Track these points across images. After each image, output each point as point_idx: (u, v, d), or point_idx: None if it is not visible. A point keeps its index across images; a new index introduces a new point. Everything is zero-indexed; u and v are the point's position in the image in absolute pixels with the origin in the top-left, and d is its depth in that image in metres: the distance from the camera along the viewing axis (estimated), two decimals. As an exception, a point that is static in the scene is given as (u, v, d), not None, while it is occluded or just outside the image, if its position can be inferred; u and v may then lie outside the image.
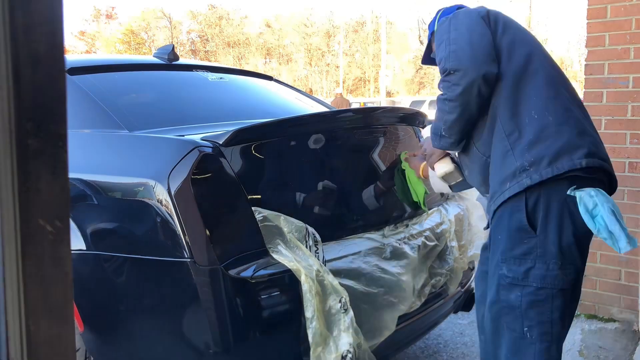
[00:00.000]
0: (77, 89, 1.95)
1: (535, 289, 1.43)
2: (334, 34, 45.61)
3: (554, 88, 1.49)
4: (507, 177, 1.45)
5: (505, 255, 1.47)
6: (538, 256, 1.42)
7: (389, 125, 2.13)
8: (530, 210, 1.42)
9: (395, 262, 1.84)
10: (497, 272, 1.50)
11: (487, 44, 1.48)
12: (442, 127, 1.57)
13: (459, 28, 1.51)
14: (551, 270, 1.42)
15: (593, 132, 1.50)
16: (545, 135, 1.42)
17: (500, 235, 1.50)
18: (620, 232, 1.34)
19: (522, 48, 1.52)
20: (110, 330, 1.71)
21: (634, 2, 2.65)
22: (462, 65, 1.45)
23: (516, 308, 1.46)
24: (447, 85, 1.49)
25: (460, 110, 1.50)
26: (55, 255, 0.49)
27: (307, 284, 1.50)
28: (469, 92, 1.46)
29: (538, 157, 1.41)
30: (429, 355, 2.57)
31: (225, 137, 1.56)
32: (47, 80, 0.47)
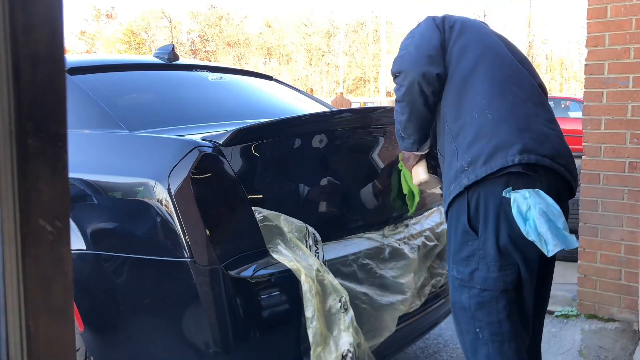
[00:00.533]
0: (77, 89, 1.95)
1: (479, 291, 1.45)
2: (334, 34, 45.61)
3: (500, 87, 1.49)
4: (451, 178, 1.48)
5: (454, 257, 1.50)
6: (480, 258, 1.44)
7: (389, 125, 2.13)
8: (472, 212, 1.44)
9: (395, 262, 1.84)
10: (450, 273, 1.54)
11: (431, 47, 1.53)
12: (400, 129, 1.65)
13: (414, 35, 1.59)
14: (491, 272, 1.43)
15: (541, 127, 1.47)
16: (482, 133, 1.43)
17: (450, 236, 1.53)
18: (547, 234, 1.33)
19: (473, 51, 1.54)
20: (110, 330, 1.71)
21: (634, 2, 2.65)
22: (404, 67, 1.54)
23: (467, 309, 1.48)
24: (396, 88, 1.58)
25: (409, 109, 1.57)
26: (55, 255, 0.49)
27: (307, 283, 1.50)
28: (411, 91, 1.53)
29: (475, 157, 1.42)
30: (429, 355, 2.57)
31: (225, 137, 1.56)
32: (47, 80, 0.47)
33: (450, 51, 1.55)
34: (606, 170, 2.77)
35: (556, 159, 1.44)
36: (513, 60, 1.58)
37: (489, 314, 1.45)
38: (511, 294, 1.44)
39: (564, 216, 1.37)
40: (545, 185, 1.41)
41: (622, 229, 2.76)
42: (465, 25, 1.61)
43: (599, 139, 2.77)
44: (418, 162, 1.76)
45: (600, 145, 2.77)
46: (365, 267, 1.76)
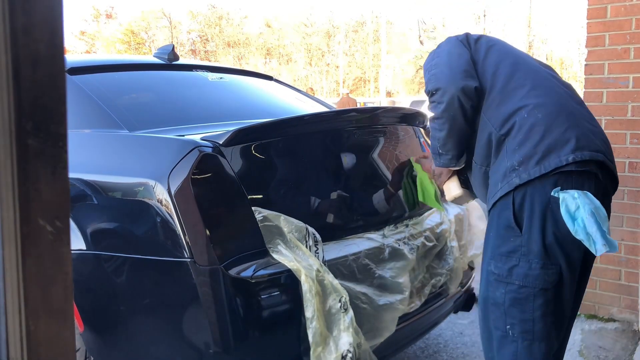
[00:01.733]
0: (77, 89, 1.95)
1: (517, 287, 1.46)
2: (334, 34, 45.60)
3: (543, 88, 1.53)
4: (500, 177, 1.49)
5: (493, 252, 1.51)
6: (522, 255, 1.45)
7: (389, 125, 2.13)
8: (517, 209, 1.45)
9: (394, 262, 1.84)
10: (486, 268, 1.54)
11: (463, 62, 1.57)
12: (437, 146, 1.66)
13: (440, 54, 1.63)
14: (533, 269, 1.44)
15: (586, 124, 1.50)
16: (534, 133, 1.45)
17: (491, 232, 1.54)
18: (597, 234, 1.35)
19: (507, 60, 1.59)
20: (110, 330, 1.70)
21: (634, 2, 2.65)
22: (441, 84, 1.56)
23: (500, 305, 1.49)
24: (433, 105, 1.60)
25: (449, 125, 1.58)
26: (55, 255, 0.49)
27: (307, 283, 1.50)
28: (451, 106, 1.55)
29: (527, 156, 1.44)
30: (429, 355, 2.57)
31: (225, 137, 1.56)
32: (47, 80, 0.47)
33: (483, 64, 1.59)
34: (606, 170, 2.77)
35: (607, 155, 1.47)
36: (542, 65, 1.65)
37: (523, 311, 1.46)
38: (549, 293, 1.45)
39: (608, 221, 1.39)
40: (594, 183, 1.43)
41: (622, 229, 2.76)
42: (491, 39, 1.68)
43: (599, 139, 2.77)
44: (450, 178, 1.78)
45: (600, 145, 2.77)
46: (365, 267, 1.76)
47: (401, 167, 2.08)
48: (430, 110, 1.62)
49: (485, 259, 1.57)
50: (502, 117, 1.51)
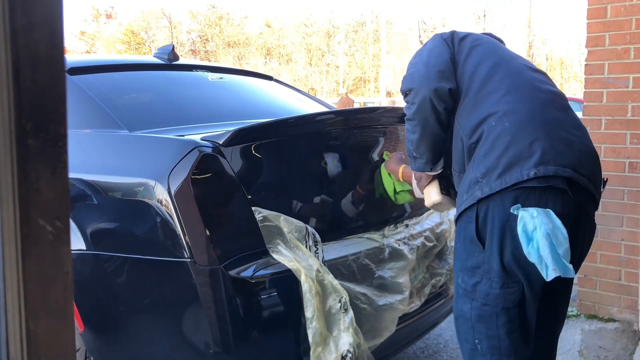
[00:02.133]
0: (77, 89, 1.95)
1: (481, 304, 1.41)
2: (334, 34, 45.61)
3: (518, 93, 1.43)
4: (465, 188, 1.42)
5: (462, 265, 1.46)
6: (484, 272, 1.39)
7: (389, 125, 2.13)
8: (480, 223, 1.38)
9: (394, 262, 1.84)
10: (455, 280, 1.50)
11: (441, 62, 1.50)
12: (411, 149, 1.60)
13: (422, 52, 1.57)
14: (493, 288, 1.38)
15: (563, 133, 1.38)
16: (499, 143, 1.36)
17: (458, 244, 1.48)
18: (548, 258, 1.26)
19: (487, 62, 1.50)
20: (110, 330, 1.71)
21: (634, 2, 2.65)
22: (415, 84, 1.50)
23: (468, 319, 1.44)
24: (407, 106, 1.55)
25: (421, 128, 1.53)
26: (55, 255, 0.49)
27: (307, 284, 1.50)
28: (423, 108, 1.49)
29: (490, 168, 1.35)
30: (429, 355, 2.57)
31: (225, 137, 1.56)
32: (47, 80, 0.47)
33: (463, 65, 1.52)
34: (606, 171, 2.77)
35: (578, 169, 1.34)
36: (529, 68, 1.53)
37: (488, 327, 1.41)
38: (512, 311, 1.39)
39: (568, 243, 1.29)
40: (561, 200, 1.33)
41: (622, 229, 2.76)
42: (477, 38, 1.58)
43: (599, 139, 2.77)
44: (430, 183, 1.72)
45: (601, 146, 2.77)
46: (365, 268, 1.76)
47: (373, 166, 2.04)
48: (404, 110, 1.57)
49: (455, 270, 1.52)
50: (472, 125, 1.43)
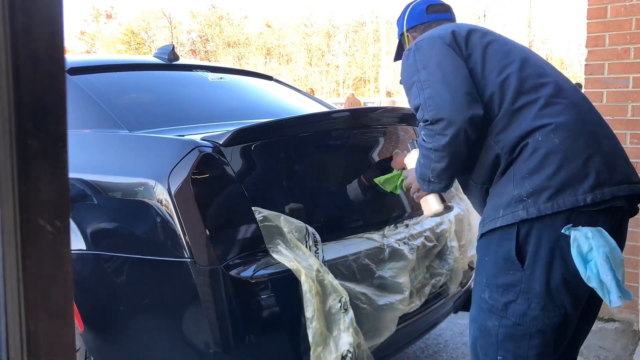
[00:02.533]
0: (77, 89, 1.95)
1: (513, 324, 1.33)
2: (334, 34, 45.61)
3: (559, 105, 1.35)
4: (502, 204, 1.34)
5: (489, 281, 1.37)
6: (521, 291, 1.31)
7: (389, 125, 2.13)
8: (521, 242, 1.31)
9: (394, 262, 1.84)
10: (480, 294, 1.41)
11: (463, 80, 1.35)
12: (429, 175, 1.45)
13: (428, 65, 1.40)
14: (532, 309, 1.30)
15: (606, 141, 1.35)
16: (548, 162, 1.28)
17: (487, 257, 1.40)
18: (612, 284, 1.20)
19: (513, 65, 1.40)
20: (110, 330, 1.71)
21: (634, 2, 2.65)
22: (444, 114, 1.33)
23: (492, 336, 1.37)
24: (430, 134, 1.37)
25: (449, 159, 1.38)
26: (55, 255, 0.49)
27: (307, 284, 1.50)
28: (456, 140, 1.34)
29: (538, 189, 1.28)
30: (429, 355, 2.57)
31: (225, 137, 1.56)
32: (47, 80, 0.47)
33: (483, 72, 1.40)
34: (606, 170, 2.77)
35: (630, 178, 1.31)
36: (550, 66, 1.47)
37: (518, 347, 1.33)
38: (548, 335, 1.32)
39: (623, 265, 1.25)
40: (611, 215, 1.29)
41: (622, 229, 2.75)
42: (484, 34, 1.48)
43: (599, 139, 2.77)
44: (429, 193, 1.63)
45: (600, 145, 2.77)
46: (365, 267, 1.76)
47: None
48: (426, 138, 1.39)
49: (478, 283, 1.42)
50: (513, 139, 1.33)
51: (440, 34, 1.46)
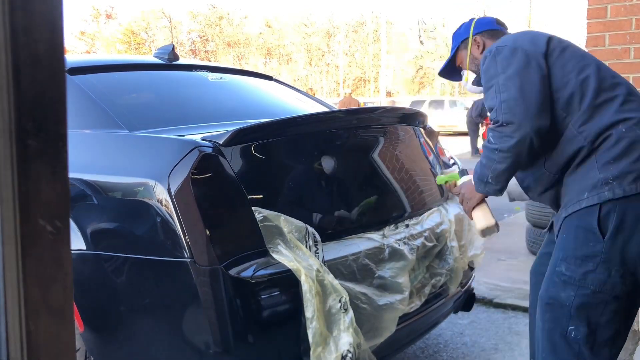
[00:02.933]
0: (77, 89, 1.95)
1: (592, 292, 1.45)
2: (334, 34, 45.62)
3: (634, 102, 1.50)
4: (586, 187, 1.47)
5: (567, 254, 1.50)
6: (601, 261, 1.44)
7: (389, 125, 2.13)
8: (602, 216, 1.44)
9: (394, 262, 1.84)
10: (554, 269, 1.53)
11: (538, 94, 1.48)
12: (488, 175, 1.58)
13: (507, 70, 1.52)
14: (613, 276, 1.44)
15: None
16: (633, 150, 1.44)
17: (565, 234, 1.52)
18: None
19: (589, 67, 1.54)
20: (111, 330, 1.71)
21: (634, 2, 2.65)
22: (515, 119, 1.47)
23: (565, 307, 1.49)
24: (499, 135, 1.51)
25: (511, 161, 1.52)
26: (55, 255, 0.49)
27: (307, 283, 1.50)
28: (522, 144, 1.48)
29: (623, 172, 1.43)
30: (429, 355, 2.57)
31: (225, 137, 1.56)
32: (47, 80, 0.47)
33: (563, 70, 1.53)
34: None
35: None
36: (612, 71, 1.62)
37: (592, 315, 1.46)
38: (622, 301, 1.46)
39: None
40: None
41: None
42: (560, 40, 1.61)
43: (599, 139, 2.77)
44: (480, 205, 1.72)
45: (600, 145, 2.77)
46: (365, 267, 1.76)
47: None
48: (493, 139, 1.53)
49: (553, 261, 1.55)
50: (597, 130, 1.48)
51: (524, 39, 1.58)
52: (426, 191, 2.23)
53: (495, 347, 2.64)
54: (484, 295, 3.24)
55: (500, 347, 2.64)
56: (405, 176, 2.09)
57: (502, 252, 4.21)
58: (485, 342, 2.69)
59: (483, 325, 2.91)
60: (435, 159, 2.42)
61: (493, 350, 2.61)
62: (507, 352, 2.58)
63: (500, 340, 2.72)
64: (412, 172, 2.17)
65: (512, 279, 3.54)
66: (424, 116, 2.34)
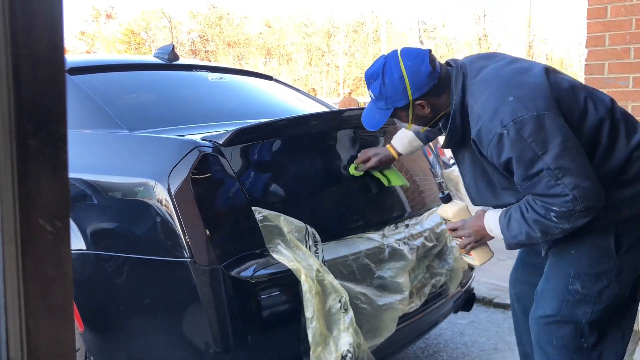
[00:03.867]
0: (77, 89, 1.95)
1: (606, 306, 1.48)
2: (334, 34, 45.60)
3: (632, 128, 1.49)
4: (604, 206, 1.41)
5: (580, 272, 1.49)
6: (614, 275, 1.47)
7: (389, 125, 2.13)
8: (619, 235, 1.46)
9: (394, 262, 1.84)
10: (565, 287, 1.51)
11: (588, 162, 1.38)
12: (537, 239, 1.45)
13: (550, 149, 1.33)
14: (623, 289, 1.48)
15: None
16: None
17: (573, 250, 1.50)
18: None
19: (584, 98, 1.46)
20: (111, 330, 1.71)
21: (634, 2, 2.65)
22: (593, 204, 1.36)
23: (579, 323, 1.50)
24: (566, 215, 1.37)
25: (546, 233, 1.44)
26: (55, 255, 0.49)
27: (307, 283, 1.50)
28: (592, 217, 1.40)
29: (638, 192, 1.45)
30: (429, 355, 2.57)
31: (225, 137, 1.56)
32: (47, 80, 0.47)
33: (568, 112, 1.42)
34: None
35: None
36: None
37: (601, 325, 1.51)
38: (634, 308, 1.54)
39: None
40: None
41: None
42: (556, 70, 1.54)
43: (599, 139, 2.77)
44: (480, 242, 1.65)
45: (600, 146, 2.77)
46: (365, 267, 1.76)
47: None
48: (559, 219, 1.38)
49: (562, 277, 1.51)
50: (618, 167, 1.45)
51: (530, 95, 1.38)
52: (426, 191, 2.23)
53: (495, 347, 2.64)
54: (484, 295, 3.24)
55: (500, 347, 2.64)
56: (405, 176, 2.09)
57: (502, 252, 4.20)
58: (485, 342, 2.69)
59: (483, 325, 2.91)
60: (435, 159, 2.42)
61: (493, 350, 2.61)
62: (507, 352, 2.58)
63: (500, 340, 2.72)
64: (412, 172, 2.17)
65: (512, 279, 3.53)
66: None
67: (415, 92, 1.50)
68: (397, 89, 1.50)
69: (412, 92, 1.50)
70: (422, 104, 1.53)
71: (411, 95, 1.50)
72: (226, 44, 43.63)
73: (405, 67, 1.49)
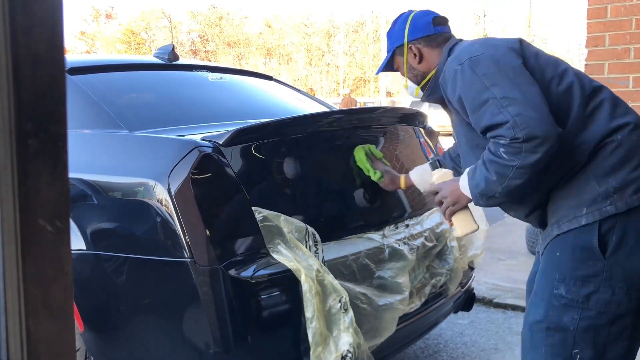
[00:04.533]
0: (77, 89, 1.95)
1: (597, 313, 1.37)
2: (334, 34, 45.61)
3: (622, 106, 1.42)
4: (584, 202, 1.38)
5: (564, 275, 1.40)
6: (604, 280, 1.36)
7: (389, 125, 2.13)
8: (603, 234, 1.36)
9: (394, 262, 1.84)
10: (551, 291, 1.43)
11: (543, 98, 1.35)
12: (498, 191, 1.42)
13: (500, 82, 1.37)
14: (617, 294, 1.36)
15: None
16: (630, 158, 1.37)
17: (559, 252, 1.43)
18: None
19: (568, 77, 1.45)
20: (111, 330, 1.71)
21: (634, 2, 2.65)
22: (538, 132, 1.31)
23: (567, 330, 1.39)
24: (516, 151, 1.34)
25: (529, 175, 1.37)
26: (55, 255, 0.49)
27: (307, 283, 1.50)
28: (546, 157, 1.34)
29: (623, 183, 1.35)
30: (429, 355, 2.57)
31: (225, 137, 1.56)
32: (47, 80, 0.47)
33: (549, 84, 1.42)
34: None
35: None
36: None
37: (598, 335, 1.38)
38: (628, 319, 1.38)
39: None
40: None
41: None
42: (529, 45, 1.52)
43: (599, 139, 2.77)
44: (463, 210, 1.61)
45: (600, 145, 2.77)
46: (365, 268, 1.76)
47: None
48: (507, 155, 1.36)
49: (547, 281, 1.44)
50: (595, 142, 1.38)
51: (496, 46, 1.45)
52: (426, 191, 2.23)
53: (495, 347, 2.64)
54: (484, 295, 3.24)
55: (500, 347, 2.64)
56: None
57: (502, 252, 4.21)
58: (485, 342, 2.69)
59: (483, 325, 2.91)
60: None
61: (493, 350, 2.61)
62: (507, 352, 2.58)
63: (500, 340, 2.72)
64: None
65: (512, 279, 3.54)
66: (424, 116, 2.34)
67: (410, 34, 1.66)
68: (400, 27, 1.69)
69: (408, 33, 1.66)
70: (413, 50, 1.66)
71: (407, 36, 1.66)
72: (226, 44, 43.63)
73: (414, 15, 1.69)
